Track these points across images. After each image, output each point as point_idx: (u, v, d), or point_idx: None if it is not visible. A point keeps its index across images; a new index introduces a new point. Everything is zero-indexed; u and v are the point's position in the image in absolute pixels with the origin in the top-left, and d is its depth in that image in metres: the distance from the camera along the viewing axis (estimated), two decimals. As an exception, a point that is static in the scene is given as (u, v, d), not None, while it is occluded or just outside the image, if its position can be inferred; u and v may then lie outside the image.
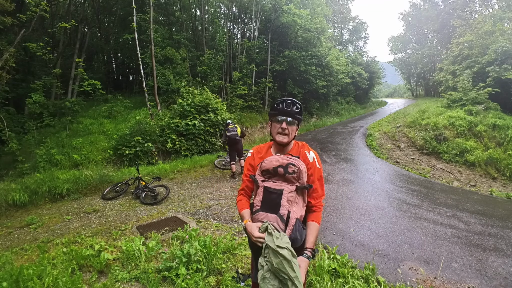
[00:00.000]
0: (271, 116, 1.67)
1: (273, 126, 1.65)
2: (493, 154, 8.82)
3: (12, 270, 2.57)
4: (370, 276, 2.86)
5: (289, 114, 1.59)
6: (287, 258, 1.32)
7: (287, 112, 1.59)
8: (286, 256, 1.32)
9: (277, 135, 1.60)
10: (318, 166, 1.60)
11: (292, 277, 1.29)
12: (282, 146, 1.62)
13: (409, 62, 36.38)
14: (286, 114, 1.59)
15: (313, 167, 1.58)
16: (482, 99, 12.53)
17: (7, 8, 7.96)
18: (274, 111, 1.64)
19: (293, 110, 1.59)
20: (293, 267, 1.31)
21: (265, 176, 1.53)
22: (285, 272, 1.30)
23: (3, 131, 8.17)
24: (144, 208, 5.19)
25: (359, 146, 11.17)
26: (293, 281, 1.29)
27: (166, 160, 9.26)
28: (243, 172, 1.76)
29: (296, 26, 17.30)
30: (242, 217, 1.61)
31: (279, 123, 1.60)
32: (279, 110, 1.60)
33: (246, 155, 8.41)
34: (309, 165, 1.58)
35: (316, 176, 1.58)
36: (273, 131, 1.64)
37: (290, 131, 1.59)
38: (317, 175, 1.59)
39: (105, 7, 16.50)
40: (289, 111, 1.59)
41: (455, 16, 25.69)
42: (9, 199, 5.32)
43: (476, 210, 5.21)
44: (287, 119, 1.59)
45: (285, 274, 1.31)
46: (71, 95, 12.21)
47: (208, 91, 11.41)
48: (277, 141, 1.60)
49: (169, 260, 2.92)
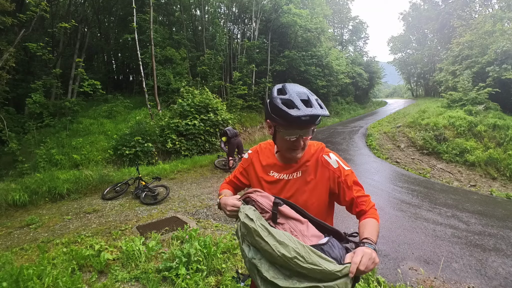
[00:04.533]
0: (276, 124, 1.09)
1: (278, 136, 1.12)
2: (493, 154, 8.81)
3: (12, 270, 2.57)
4: (370, 276, 2.86)
5: (308, 125, 1.04)
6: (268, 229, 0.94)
7: (304, 122, 1.02)
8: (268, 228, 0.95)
9: (288, 150, 1.13)
10: (346, 168, 1.19)
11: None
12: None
13: (409, 62, 36.39)
14: (304, 125, 1.03)
15: (342, 174, 1.17)
16: (482, 99, 12.52)
17: (7, 8, 7.96)
18: (283, 120, 1.03)
19: (316, 111, 1.00)
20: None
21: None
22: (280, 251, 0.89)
23: (3, 131, 8.17)
24: (144, 208, 5.19)
25: (359, 146, 11.17)
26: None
27: (166, 160, 9.26)
28: (233, 173, 1.46)
29: (296, 26, 17.29)
30: (219, 196, 1.29)
31: (290, 138, 1.07)
32: (294, 120, 1.00)
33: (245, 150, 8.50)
34: (336, 173, 1.17)
35: (349, 182, 1.16)
36: (281, 144, 1.14)
37: (306, 144, 1.14)
38: (351, 180, 1.17)
39: (105, 7, 16.49)
40: (309, 121, 1.02)
41: (455, 16, 25.67)
42: (9, 199, 5.31)
43: (476, 210, 5.21)
44: (308, 131, 1.07)
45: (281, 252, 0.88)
46: (71, 95, 12.21)
47: (208, 91, 11.41)
48: (288, 158, 1.17)
49: (169, 260, 2.92)
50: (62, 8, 14.19)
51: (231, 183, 1.45)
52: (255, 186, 1.29)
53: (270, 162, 1.26)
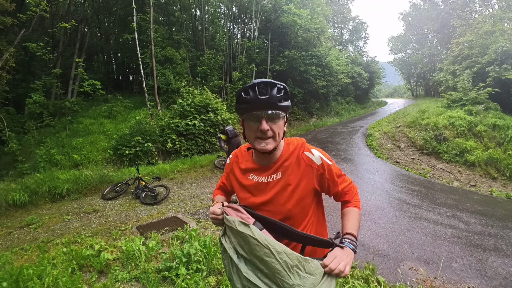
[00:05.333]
0: (240, 112, 1.07)
1: (246, 127, 1.08)
2: (493, 154, 8.81)
3: (12, 270, 2.57)
4: (370, 276, 2.86)
5: (268, 105, 1.01)
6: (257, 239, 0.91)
7: (264, 101, 1.00)
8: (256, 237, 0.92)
9: (257, 140, 1.06)
10: (329, 162, 1.14)
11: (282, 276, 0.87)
12: (266, 154, 1.11)
13: (409, 62, 36.42)
14: (264, 105, 1.01)
15: (326, 169, 1.13)
16: (482, 99, 12.52)
17: (7, 8, 7.97)
18: (243, 104, 1.04)
19: (273, 95, 1.00)
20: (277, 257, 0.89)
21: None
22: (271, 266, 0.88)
23: (3, 131, 8.17)
24: (144, 208, 5.19)
25: (359, 146, 11.16)
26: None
27: (166, 160, 9.26)
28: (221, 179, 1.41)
29: (296, 26, 17.29)
30: (212, 202, 1.27)
31: (255, 122, 1.04)
32: (250, 102, 1.01)
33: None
34: (320, 170, 1.12)
35: (334, 174, 1.15)
36: (249, 135, 1.09)
37: (275, 131, 1.05)
38: (335, 173, 1.15)
39: (105, 7, 16.50)
40: (267, 100, 1.00)
41: (455, 16, 25.68)
42: (9, 199, 5.31)
43: (476, 210, 5.21)
44: (266, 112, 1.02)
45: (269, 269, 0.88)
46: (71, 95, 12.21)
47: (208, 91, 11.41)
48: (258, 150, 1.07)
49: (169, 260, 2.92)
50: (62, 8, 14.20)
51: (221, 188, 1.41)
52: (237, 192, 1.27)
53: (249, 165, 1.20)
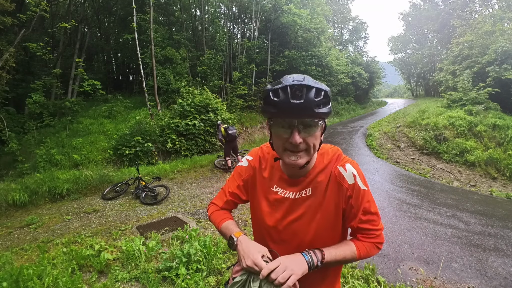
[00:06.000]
0: (267, 116, 0.86)
1: (274, 134, 0.88)
2: (493, 154, 8.81)
3: (12, 270, 2.57)
4: (370, 276, 2.86)
5: (302, 111, 0.79)
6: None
7: (297, 106, 0.78)
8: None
9: (286, 153, 0.86)
10: (362, 187, 0.91)
11: None
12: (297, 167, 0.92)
13: (409, 62, 36.41)
14: (297, 110, 0.78)
15: (355, 192, 0.90)
16: (482, 99, 12.52)
17: (7, 8, 7.96)
18: (270, 108, 0.82)
19: (310, 98, 0.78)
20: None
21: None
22: None
23: (3, 131, 8.18)
24: (144, 208, 5.19)
25: (359, 146, 11.17)
26: None
27: (166, 160, 9.26)
28: (226, 183, 1.14)
29: (296, 26, 17.30)
30: (227, 230, 1.02)
31: (285, 131, 0.83)
32: (279, 106, 0.79)
33: (240, 152, 8.51)
34: (349, 192, 0.90)
35: (362, 205, 0.90)
36: (277, 145, 0.89)
37: (310, 143, 0.84)
38: (365, 203, 0.90)
39: (105, 7, 16.50)
40: (302, 105, 0.78)
41: (455, 16, 25.68)
42: (9, 199, 5.32)
43: (476, 210, 5.21)
44: (300, 120, 0.81)
45: None
46: (71, 95, 12.21)
47: (208, 91, 11.41)
48: (287, 163, 0.88)
49: (169, 260, 2.92)
50: (62, 8, 14.20)
51: (229, 205, 1.12)
52: (254, 206, 1.06)
53: (274, 174, 0.99)
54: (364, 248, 0.93)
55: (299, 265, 0.83)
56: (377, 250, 0.96)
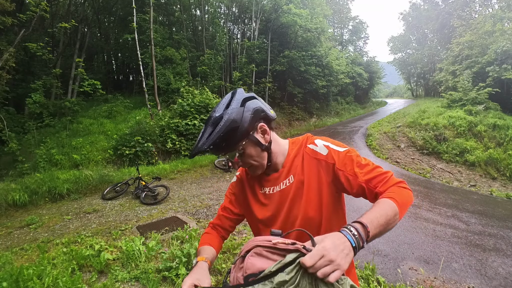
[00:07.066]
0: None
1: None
2: (493, 154, 8.81)
3: (12, 270, 2.57)
4: (370, 276, 2.86)
5: (216, 153, 0.95)
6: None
7: (209, 151, 0.90)
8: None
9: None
10: (340, 149, 0.91)
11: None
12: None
13: (409, 62, 36.37)
14: (213, 153, 0.94)
15: (336, 159, 0.89)
16: (482, 99, 12.52)
17: (7, 8, 7.96)
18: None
19: (209, 142, 0.85)
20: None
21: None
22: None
23: (3, 131, 8.17)
24: (144, 208, 5.19)
25: (359, 146, 11.16)
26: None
27: (166, 160, 9.26)
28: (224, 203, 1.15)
29: (296, 26, 17.29)
30: (198, 254, 1.01)
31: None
32: (198, 152, 0.90)
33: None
34: (329, 161, 0.90)
35: (351, 163, 0.87)
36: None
37: (247, 163, 0.93)
38: (353, 162, 0.88)
39: (105, 7, 16.49)
40: (211, 150, 0.89)
41: (455, 16, 25.68)
42: (9, 199, 5.32)
43: (476, 210, 5.21)
44: (224, 155, 0.97)
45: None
46: (71, 95, 12.20)
47: (208, 91, 11.41)
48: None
49: (169, 260, 2.92)
50: (62, 8, 14.19)
51: (221, 221, 1.11)
52: (248, 212, 1.07)
53: (258, 177, 1.03)
54: (394, 193, 0.78)
55: (344, 254, 0.64)
56: (408, 191, 0.81)
